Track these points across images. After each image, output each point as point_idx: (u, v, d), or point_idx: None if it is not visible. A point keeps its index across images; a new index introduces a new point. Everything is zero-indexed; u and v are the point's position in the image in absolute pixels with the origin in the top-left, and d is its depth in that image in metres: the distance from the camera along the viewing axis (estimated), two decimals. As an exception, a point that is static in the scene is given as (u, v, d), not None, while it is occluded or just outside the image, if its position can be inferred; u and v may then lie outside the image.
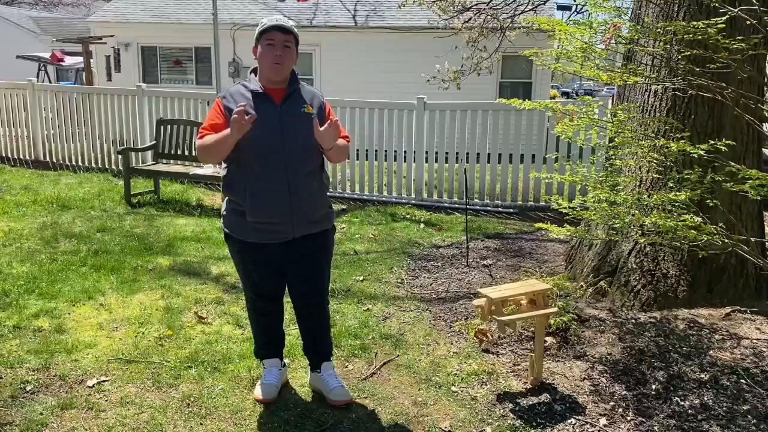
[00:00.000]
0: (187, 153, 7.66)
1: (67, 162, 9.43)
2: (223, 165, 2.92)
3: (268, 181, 2.77)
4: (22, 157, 9.82)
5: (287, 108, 2.83)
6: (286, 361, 3.32)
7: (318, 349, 3.15)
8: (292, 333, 3.62)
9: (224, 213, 2.98)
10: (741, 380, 3.13)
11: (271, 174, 2.77)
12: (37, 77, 15.38)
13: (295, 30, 2.84)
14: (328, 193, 3.02)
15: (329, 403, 3.04)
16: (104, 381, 3.23)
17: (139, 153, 8.40)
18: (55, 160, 9.58)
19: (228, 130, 2.67)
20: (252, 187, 2.79)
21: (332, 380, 3.09)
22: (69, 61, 17.08)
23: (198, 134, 2.86)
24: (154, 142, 7.81)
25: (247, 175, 2.80)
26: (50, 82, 17.29)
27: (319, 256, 3.00)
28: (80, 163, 9.34)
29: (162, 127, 7.72)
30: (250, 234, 2.86)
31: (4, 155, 9.91)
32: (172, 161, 7.80)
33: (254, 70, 2.91)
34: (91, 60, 15.03)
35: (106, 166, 9.14)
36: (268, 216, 2.80)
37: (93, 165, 9.25)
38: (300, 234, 2.87)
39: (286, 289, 3.12)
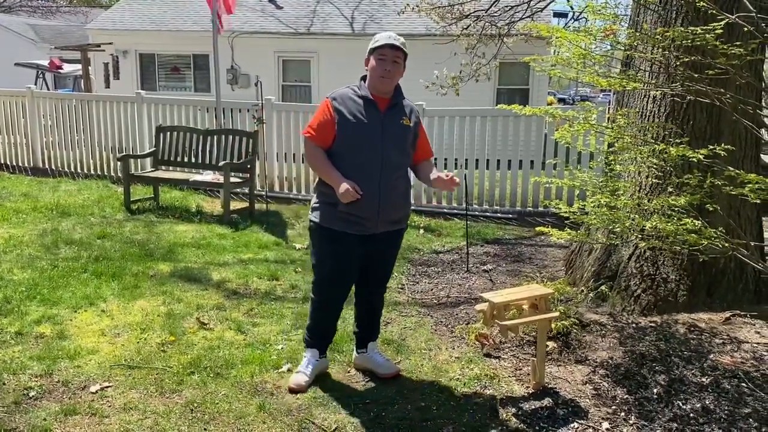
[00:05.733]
0: (186, 159, 7.68)
1: (66, 169, 9.44)
2: None
3: (361, 179, 3.01)
4: (20, 164, 9.83)
5: (389, 117, 3.13)
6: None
7: (371, 330, 3.50)
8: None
9: (315, 204, 3.22)
10: (742, 384, 3.15)
11: (365, 173, 3.02)
12: (36, 84, 15.35)
13: (405, 47, 3.12)
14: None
15: (379, 377, 3.38)
16: (107, 387, 3.23)
17: (139, 160, 8.40)
18: (54, 167, 9.58)
19: (336, 177, 2.99)
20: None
21: (379, 357, 3.48)
22: (67, 68, 17.07)
23: (305, 131, 3.15)
24: (154, 148, 7.82)
25: (344, 171, 3.03)
26: (48, 89, 17.28)
27: (391, 253, 3.36)
28: (79, 170, 9.34)
29: (161, 134, 7.73)
30: (337, 223, 3.11)
31: (3, 162, 9.90)
32: (171, 168, 7.81)
33: (363, 78, 3.21)
34: (90, 67, 15.06)
35: (106, 173, 9.14)
36: (357, 210, 3.04)
37: (92, 172, 9.25)
38: (380, 230, 3.15)
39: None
